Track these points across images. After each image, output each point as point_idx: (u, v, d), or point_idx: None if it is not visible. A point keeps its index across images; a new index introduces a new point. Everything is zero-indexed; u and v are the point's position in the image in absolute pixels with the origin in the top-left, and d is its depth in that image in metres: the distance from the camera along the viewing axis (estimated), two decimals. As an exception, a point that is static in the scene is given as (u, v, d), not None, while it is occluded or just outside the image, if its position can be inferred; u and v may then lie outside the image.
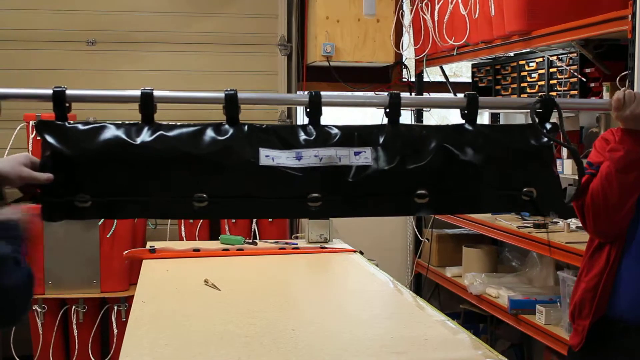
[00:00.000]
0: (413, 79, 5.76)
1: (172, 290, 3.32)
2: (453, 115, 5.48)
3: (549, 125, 2.20)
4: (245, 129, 2.05)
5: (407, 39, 5.47)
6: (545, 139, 2.17)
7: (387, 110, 2.14)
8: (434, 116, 5.59)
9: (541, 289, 4.42)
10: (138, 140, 1.97)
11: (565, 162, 3.98)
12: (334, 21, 5.30)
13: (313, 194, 2.03)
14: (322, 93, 2.11)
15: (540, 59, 4.29)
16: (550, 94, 4.15)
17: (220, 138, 2.02)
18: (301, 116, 5.58)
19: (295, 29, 5.60)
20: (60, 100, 1.98)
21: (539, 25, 3.90)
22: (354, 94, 5.49)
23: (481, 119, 5.79)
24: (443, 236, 5.49)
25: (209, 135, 2.01)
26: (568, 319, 2.85)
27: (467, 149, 2.11)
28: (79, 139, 1.95)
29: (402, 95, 2.16)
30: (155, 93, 2.02)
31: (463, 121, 2.19)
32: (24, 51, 5.28)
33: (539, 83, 4.31)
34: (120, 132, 1.97)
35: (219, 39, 5.52)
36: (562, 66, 4.03)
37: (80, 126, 1.98)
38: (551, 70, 4.18)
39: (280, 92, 5.51)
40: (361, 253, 4.24)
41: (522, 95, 4.48)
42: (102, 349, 4.95)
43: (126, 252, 4.24)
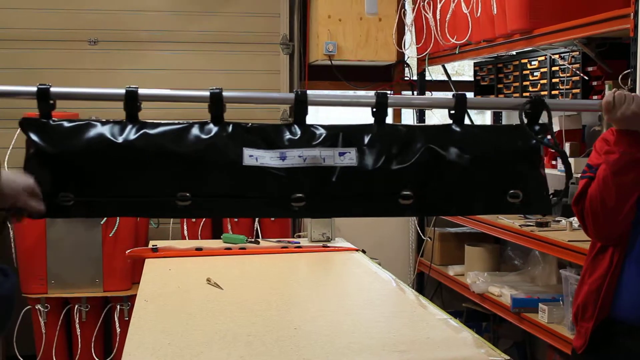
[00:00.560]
0: (415, 77, 5.76)
1: (175, 289, 3.32)
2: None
3: (537, 127, 2.18)
4: (230, 128, 2.03)
5: (409, 37, 5.47)
6: (534, 140, 2.15)
7: (374, 109, 2.12)
8: (436, 115, 5.58)
9: (544, 287, 4.42)
10: (121, 139, 1.96)
11: (571, 162, 3.98)
12: (336, 20, 5.30)
13: (297, 194, 2.02)
14: (309, 92, 2.09)
15: (543, 58, 4.29)
16: (552, 92, 4.16)
17: (204, 137, 2.00)
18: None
19: (297, 27, 5.61)
20: (44, 98, 1.97)
21: (541, 24, 3.90)
22: (342, 93, 5.48)
23: (483, 118, 5.79)
24: (445, 235, 5.49)
25: (193, 134, 2.00)
26: (571, 320, 2.84)
27: (454, 150, 2.09)
28: (63, 137, 1.94)
29: (391, 95, 2.14)
30: (140, 91, 2.01)
31: (451, 121, 2.17)
32: (26, 50, 5.28)
33: (541, 82, 4.30)
34: (104, 130, 1.96)
35: (221, 37, 5.52)
36: (564, 65, 4.02)
37: (65, 124, 1.97)
38: (553, 68, 4.18)
39: (282, 91, 5.51)
40: (364, 252, 4.24)
41: (525, 94, 4.48)
42: (105, 348, 4.95)
43: (129, 251, 4.24)
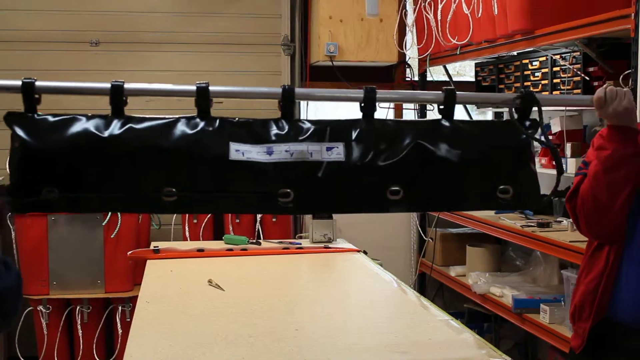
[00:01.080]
0: (416, 78, 5.76)
1: (176, 291, 3.32)
2: (456, 110, 5.46)
3: (528, 122, 2.15)
4: (217, 123, 2.02)
5: (410, 38, 5.47)
6: (524, 136, 2.13)
7: (362, 104, 2.10)
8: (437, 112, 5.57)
9: (545, 288, 4.42)
10: (106, 133, 1.94)
11: (569, 161, 3.99)
12: (337, 21, 5.30)
13: (284, 190, 2.00)
14: (297, 88, 2.08)
15: (544, 58, 4.28)
16: (554, 92, 4.15)
17: (191, 132, 1.98)
18: (304, 110, 5.59)
19: (298, 28, 5.61)
20: (29, 92, 1.97)
21: (542, 24, 3.90)
22: (331, 90, 5.47)
23: (485, 117, 5.79)
24: (447, 235, 5.50)
25: (179, 129, 1.98)
26: (569, 320, 2.84)
27: (443, 145, 2.07)
28: (48, 131, 1.93)
29: (379, 90, 2.11)
30: (125, 85, 2.00)
31: (440, 116, 2.14)
32: (28, 52, 5.29)
33: (543, 82, 4.30)
34: (89, 125, 1.94)
35: (222, 39, 5.53)
36: (566, 65, 4.02)
37: (50, 118, 1.95)
38: (554, 69, 4.18)
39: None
40: (365, 253, 4.24)
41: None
42: (107, 349, 4.96)
43: (130, 253, 4.24)
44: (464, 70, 6.09)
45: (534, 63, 4.41)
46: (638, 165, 2.45)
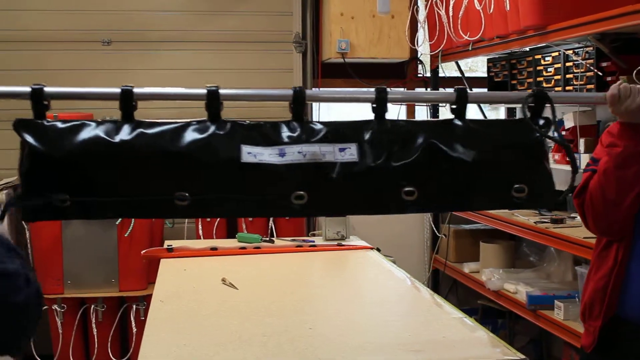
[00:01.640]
0: (428, 74, 5.75)
1: (190, 290, 3.33)
2: (469, 108, 5.45)
3: (541, 120, 2.14)
4: (228, 126, 2.00)
5: (422, 34, 5.46)
6: (538, 134, 2.11)
7: (374, 105, 2.09)
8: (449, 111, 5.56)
9: (559, 284, 4.41)
10: (117, 139, 1.93)
11: (583, 157, 3.97)
12: (349, 17, 5.29)
13: (297, 192, 1.98)
14: (308, 90, 2.07)
15: (556, 53, 4.27)
16: (567, 88, 4.14)
17: (202, 136, 1.97)
18: (317, 111, 5.59)
19: (309, 25, 5.60)
20: (38, 98, 1.95)
21: (554, 20, 3.88)
22: (342, 90, 5.47)
23: (497, 114, 5.77)
24: (460, 232, 5.49)
25: (190, 133, 1.97)
26: (580, 318, 2.83)
27: (456, 145, 2.06)
28: (58, 138, 1.91)
29: (391, 90, 2.10)
30: (135, 90, 1.98)
31: (452, 116, 2.13)
32: (39, 52, 5.31)
33: (555, 77, 4.29)
34: (99, 131, 1.93)
35: (234, 37, 5.53)
36: (578, 60, 4.01)
37: (59, 124, 1.94)
38: (567, 64, 4.16)
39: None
40: (378, 250, 4.24)
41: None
42: (122, 348, 4.97)
43: (144, 252, 4.25)
44: (476, 66, 6.07)
45: (547, 58, 4.39)
46: None
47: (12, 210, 4.93)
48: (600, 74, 3.85)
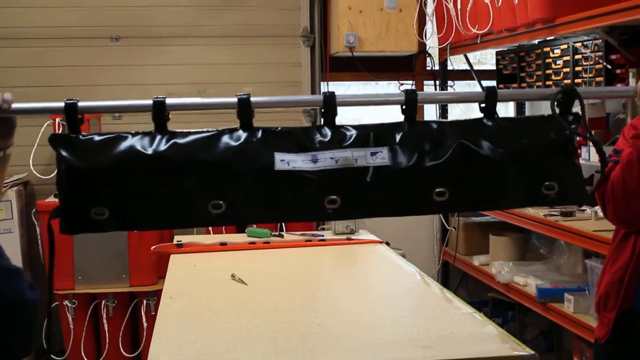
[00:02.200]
0: (437, 67, 5.74)
1: (200, 286, 3.34)
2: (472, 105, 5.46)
3: (570, 117, 2.13)
4: (259, 133, 2.02)
5: (430, 27, 5.45)
6: (567, 131, 2.12)
7: (404, 107, 2.09)
8: (459, 106, 5.56)
9: (569, 276, 4.40)
10: (151, 150, 1.95)
11: (592, 149, 3.96)
12: (357, 11, 5.29)
13: (331, 197, 2.00)
14: (337, 94, 2.08)
15: (565, 46, 4.25)
16: (576, 81, 4.13)
17: (234, 143, 1.99)
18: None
19: (317, 20, 5.60)
20: (72, 113, 1.97)
21: (563, 13, 3.87)
22: (372, 95, 5.47)
23: (506, 109, 5.76)
24: (470, 224, 5.49)
25: (223, 141, 1.99)
26: (594, 309, 2.83)
27: (486, 144, 2.06)
28: (93, 151, 1.94)
29: (420, 92, 2.11)
30: (168, 101, 2.00)
31: (481, 115, 2.14)
32: (48, 48, 5.32)
33: (564, 70, 4.27)
34: (134, 142, 1.95)
35: (242, 31, 5.53)
36: (587, 53, 3.99)
37: (95, 138, 1.96)
38: (576, 57, 4.15)
39: (303, 84, 5.53)
40: (387, 244, 4.24)
41: (547, 82, 4.45)
42: (133, 343, 5.00)
43: (153, 248, 4.26)
44: (485, 59, 6.06)
45: (555, 51, 4.38)
46: None
47: (22, 204, 4.96)
48: (609, 66, 3.83)
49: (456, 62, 5.68)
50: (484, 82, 5.48)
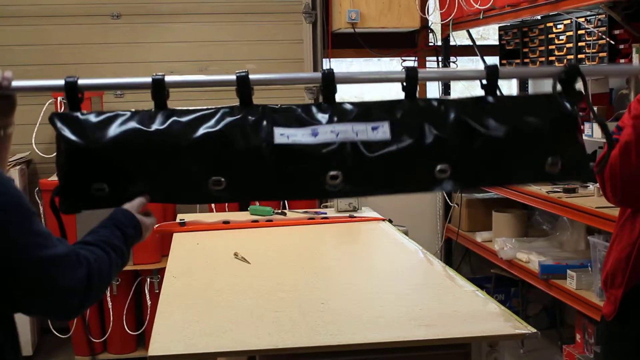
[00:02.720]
0: (439, 43, 5.72)
1: (203, 265, 3.34)
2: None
3: (573, 94, 2.11)
4: (259, 110, 2.02)
5: (433, 3, 5.42)
6: (570, 109, 2.11)
7: (404, 84, 2.08)
8: (460, 82, 5.54)
9: (572, 253, 4.40)
10: (152, 128, 1.95)
11: (595, 126, 3.94)
12: (359, -13, 5.26)
13: (331, 172, 1.99)
14: (337, 71, 2.07)
15: (568, 21, 4.23)
16: (579, 56, 4.10)
17: (233, 119, 1.99)
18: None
19: (319, -4, 5.57)
20: (72, 91, 1.97)
21: (566, -12, 3.84)
22: (371, 72, 5.45)
23: (509, 86, 5.73)
24: (473, 201, 5.48)
25: (222, 118, 1.98)
26: (600, 286, 2.82)
27: (488, 121, 2.05)
28: (93, 129, 1.94)
29: (421, 69, 2.10)
30: (167, 79, 2.00)
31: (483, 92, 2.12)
32: (49, 26, 5.30)
33: (567, 45, 4.25)
34: (134, 121, 1.95)
35: (244, 8, 5.50)
36: (590, 28, 3.97)
37: (94, 116, 1.96)
38: (579, 32, 4.12)
39: (305, 60, 5.51)
40: (390, 221, 4.24)
41: (550, 57, 4.43)
42: (137, 321, 5.02)
43: (157, 226, 4.26)
44: (487, 34, 6.03)
45: (559, 26, 4.35)
46: None
47: (25, 183, 4.96)
48: (612, 42, 3.81)
49: (459, 38, 5.65)
50: (486, 58, 5.45)
